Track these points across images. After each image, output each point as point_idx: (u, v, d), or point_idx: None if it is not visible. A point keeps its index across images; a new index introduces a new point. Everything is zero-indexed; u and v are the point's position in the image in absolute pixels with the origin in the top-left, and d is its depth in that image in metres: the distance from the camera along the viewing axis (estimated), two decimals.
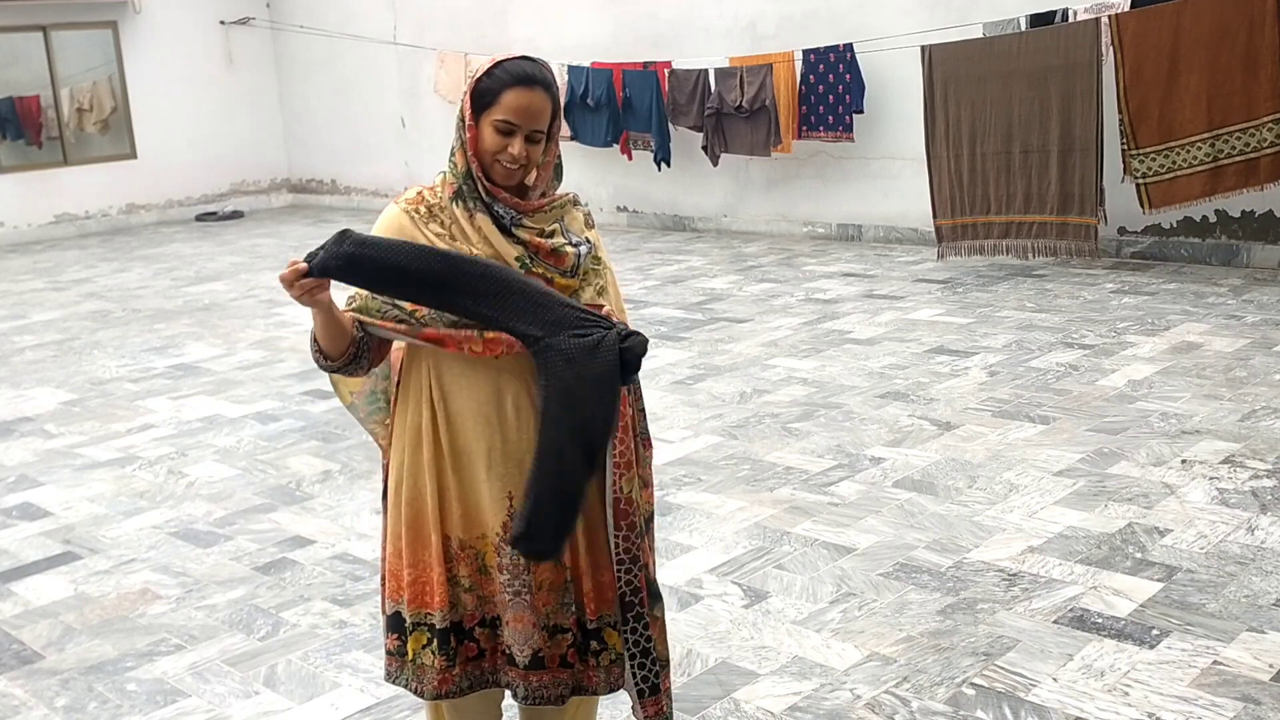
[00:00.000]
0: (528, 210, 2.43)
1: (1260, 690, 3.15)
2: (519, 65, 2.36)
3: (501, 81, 2.34)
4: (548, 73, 2.39)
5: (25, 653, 3.81)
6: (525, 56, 2.39)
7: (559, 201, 2.50)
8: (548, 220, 2.46)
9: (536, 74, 2.36)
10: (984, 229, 8.57)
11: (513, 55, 2.40)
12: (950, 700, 3.19)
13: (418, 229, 2.40)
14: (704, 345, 7.11)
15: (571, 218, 2.53)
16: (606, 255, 2.58)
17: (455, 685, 2.48)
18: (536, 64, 2.39)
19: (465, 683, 2.49)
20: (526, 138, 2.35)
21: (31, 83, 13.81)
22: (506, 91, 2.33)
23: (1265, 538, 4.04)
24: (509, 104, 2.33)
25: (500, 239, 2.39)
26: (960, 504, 4.51)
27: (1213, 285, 7.77)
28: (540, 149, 2.40)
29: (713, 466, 5.08)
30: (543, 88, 2.36)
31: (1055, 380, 5.96)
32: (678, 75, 10.68)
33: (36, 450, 5.93)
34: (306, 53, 14.85)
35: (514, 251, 2.38)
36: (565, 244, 2.44)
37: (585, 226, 2.55)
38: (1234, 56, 7.54)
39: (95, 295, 10.11)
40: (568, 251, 2.43)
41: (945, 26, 9.00)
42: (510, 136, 2.34)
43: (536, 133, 2.37)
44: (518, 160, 2.36)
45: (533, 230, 2.42)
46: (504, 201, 2.40)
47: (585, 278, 2.46)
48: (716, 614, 3.77)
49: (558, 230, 2.47)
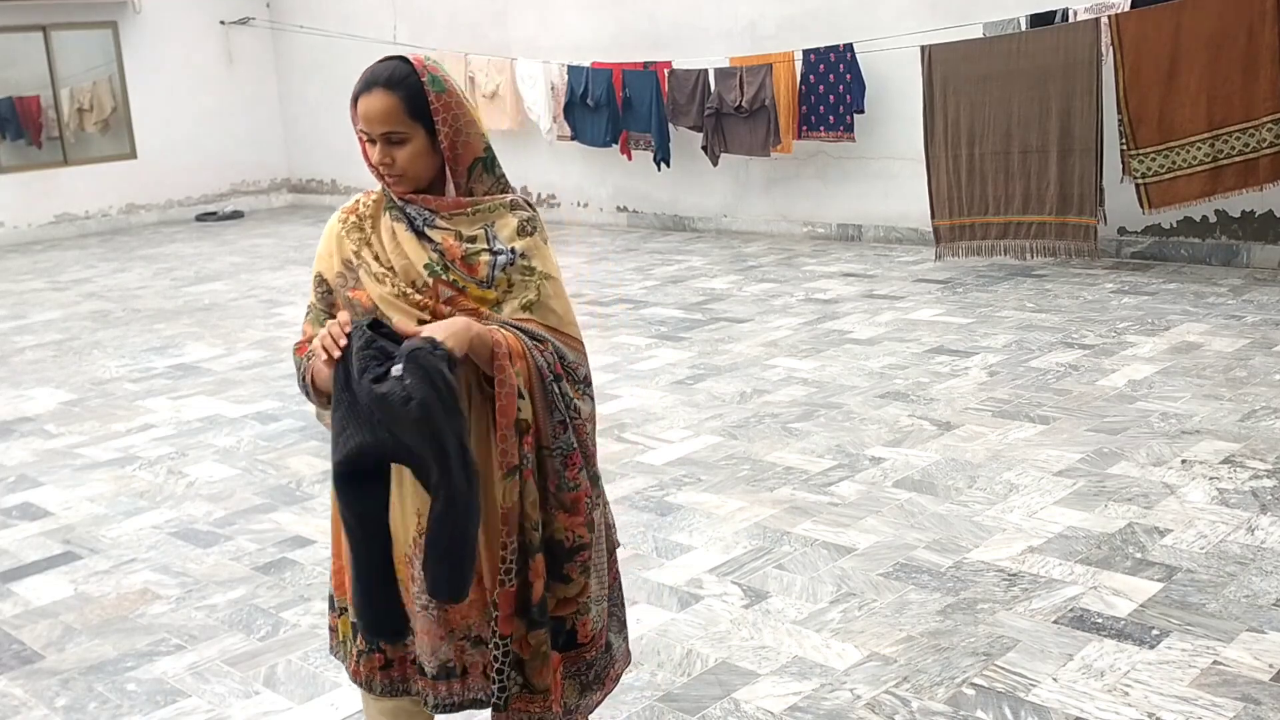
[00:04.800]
0: (443, 209, 2.33)
1: (1260, 690, 3.15)
2: (367, 72, 2.30)
3: (354, 92, 2.30)
4: (403, 69, 2.28)
5: (25, 653, 3.81)
6: (389, 58, 2.32)
7: (485, 204, 2.37)
8: (469, 223, 2.34)
9: (377, 76, 2.27)
10: (982, 229, 8.56)
11: (380, 59, 2.33)
12: (950, 700, 3.19)
13: (343, 238, 2.37)
14: (704, 345, 7.11)
15: (503, 223, 2.37)
16: (550, 265, 2.41)
17: (365, 680, 2.43)
18: (388, 63, 2.30)
19: (378, 687, 2.43)
20: (386, 140, 2.28)
21: (31, 83, 13.81)
22: (357, 101, 2.29)
23: (1265, 538, 4.04)
24: (359, 113, 2.28)
25: (413, 244, 2.31)
26: (960, 504, 4.51)
27: (1213, 285, 7.77)
28: (406, 150, 2.29)
29: (713, 466, 5.08)
30: (384, 87, 2.26)
31: (1055, 380, 5.96)
32: (677, 75, 10.68)
33: (36, 450, 5.93)
34: (306, 53, 14.85)
35: (424, 258, 2.29)
36: (482, 250, 2.32)
37: (518, 234, 2.37)
38: (1234, 57, 7.54)
39: (95, 295, 10.12)
40: (481, 260, 2.31)
41: (945, 26, 9.00)
42: (373, 144, 2.29)
43: (393, 134, 2.27)
44: (381, 167, 2.29)
45: (448, 232, 2.32)
46: (419, 203, 2.33)
47: (510, 289, 2.32)
48: (716, 614, 3.77)
49: (480, 235, 2.34)
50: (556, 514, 2.35)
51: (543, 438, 2.32)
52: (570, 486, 2.35)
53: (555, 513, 2.35)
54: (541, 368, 2.30)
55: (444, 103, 2.30)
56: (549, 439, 2.32)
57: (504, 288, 2.32)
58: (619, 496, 4.79)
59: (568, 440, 2.33)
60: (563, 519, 2.35)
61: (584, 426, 2.39)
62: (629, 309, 8.25)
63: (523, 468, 2.29)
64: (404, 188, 2.32)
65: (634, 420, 5.76)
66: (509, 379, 2.24)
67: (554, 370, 2.32)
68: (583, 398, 2.39)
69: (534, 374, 2.29)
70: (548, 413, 2.31)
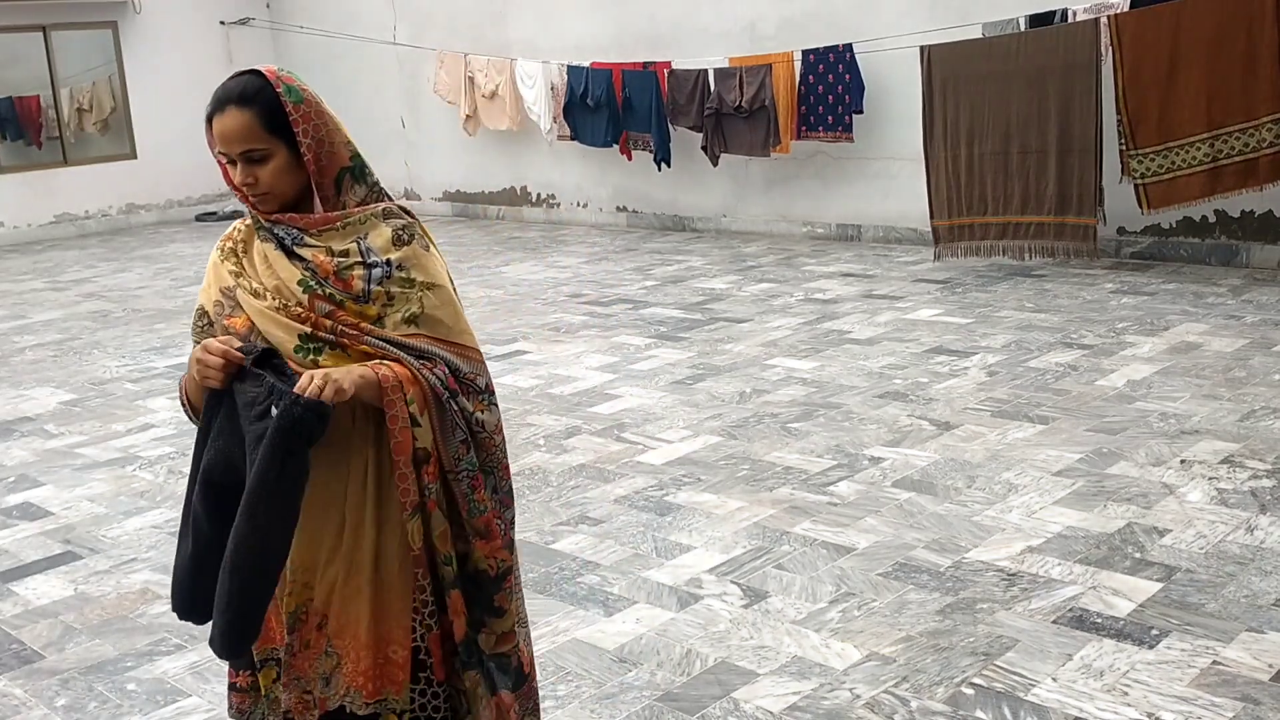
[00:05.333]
0: (311, 226, 2.21)
1: (1260, 690, 3.15)
2: (218, 90, 2.20)
3: (207, 113, 2.20)
4: (256, 83, 2.17)
5: (25, 653, 3.82)
6: (239, 73, 2.21)
7: (356, 216, 2.24)
8: (340, 237, 2.22)
9: (229, 93, 2.17)
10: (981, 230, 8.56)
11: (231, 75, 2.23)
12: (950, 700, 3.19)
13: (219, 266, 2.28)
14: (704, 345, 7.12)
15: (376, 234, 2.24)
16: (433, 273, 2.27)
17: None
18: (239, 79, 2.19)
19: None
20: (246, 160, 2.17)
21: (31, 83, 13.81)
22: (211, 121, 2.18)
23: (1265, 538, 4.05)
24: (215, 134, 2.17)
25: (285, 264, 2.20)
26: (959, 504, 4.51)
27: (1212, 285, 7.77)
28: (268, 167, 2.17)
29: (712, 466, 5.08)
30: (237, 104, 2.15)
31: (1054, 380, 5.96)
32: (677, 75, 10.68)
33: (36, 450, 5.94)
34: (306, 53, 14.85)
35: (296, 275, 2.18)
36: (355, 264, 2.20)
37: (393, 244, 2.24)
38: (1233, 56, 7.54)
39: (95, 295, 10.12)
40: (355, 274, 2.19)
41: (945, 27, 9.01)
42: (234, 165, 2.19)
43: (252, 152, 2.16)
44: (244, 188, 2.19)
45: (318, 248, 2.20)
46: (285, 221, 2.22)
47: (390, 302, 2.20)
48: (716, 614, 3.77)
49: (353, 249, 2.21)
50: (475, 543, 2.23)
51: (445, 462, 2.20)
52: (480, 510, 2.23)
53: (473, 542, 2.23)
54: (434, 386, 2.17)
55: (303, 113, 2.19)
56: (452, 462, 2.20)
57: (383, 301, 2.20)
58: (619, 496, 4.80)
59: (471, 460, 2.22)
60: (480, 546, 2.24)
61: (491, 440, 2.27)
62: (629, 309, 8.25)
63: (426, 500, 2.18)
64: (270, 207, 2.22)
65: (634, 420, 5.76)
66: (400, 412, 2.13)
67: (448, 386, 2.19)
68: (486, 408, 2.27)
69: (428, 396, 2.16)
70: (448, 435, 2.19)
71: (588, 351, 7.14)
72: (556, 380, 6.55)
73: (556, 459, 5.29)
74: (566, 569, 4.17)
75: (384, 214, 2.28)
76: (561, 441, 5.52)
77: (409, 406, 2.14)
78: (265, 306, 2.18)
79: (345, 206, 2.25)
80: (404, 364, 2.17)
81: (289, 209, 2.24)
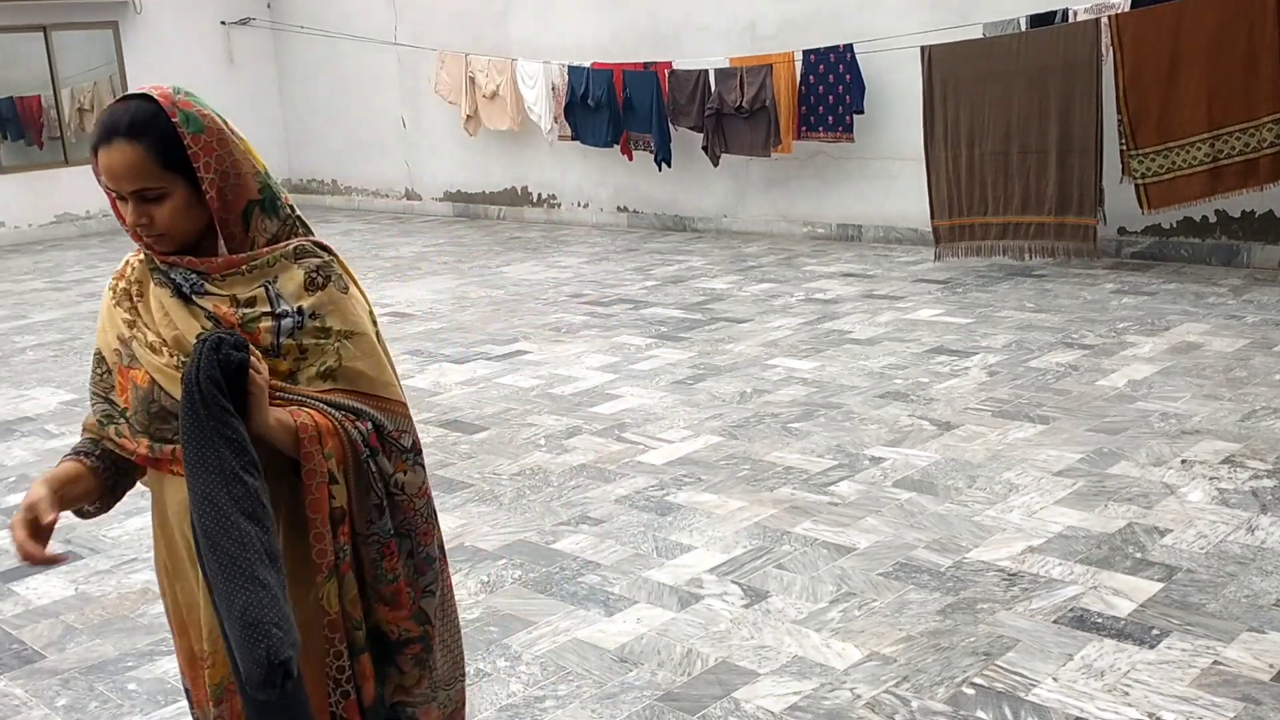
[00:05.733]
0: (214, 270, 1.97)
1: (1260, 690, 3.15)
2: (104, 114, 1.93)
3: (92, 142, 1.94)
4: (147, 110, 1.92)
5: (26, 652, 3.82)
6: (129, 96, 1.96)
7: (263, 258, 1.99)
8: (247, 282, 1.98)
9: (117, 123, 1.90)
10: (981, 230, 8.56)
11: (118, 98, 1.96)
12: (950, 700, 3.19)
13: (114, 310, 2.04)
14: (704, 345, 7.12)
15: (287, 276, 2.00)
16: (352, 320, 2.04)
17: None
18: (128, 104, 1.93)
19: None
20: (139, 199, 1.92)
21: (32, 83, 13.82)
22: (97, 154, 1.92)
23: (1265, 538, 4.04)
24: (101, 167, 1.92)
25: (182, 315, 1.96)
26: (960, 504, 4.51)
27: (1213, 285, 7.77)
28: (164, 207, 1.93)
29: (713, 466, 5.08)
30: (126, 137, 1.89)
31: (1055, 380, 5.96)
32: (678, 76, 10.68)
33: (37, 450, 5.93)
34: (307, 53, 14.86)
35: (197, 327, 1.94)
36: (262, 314, 1.96)
37: (305, 289, 2.00)
38: (1234, 57, 7.54)
39: (95, 295, 10.11)
40: (262, 326, 1.95)
41: (945, 27, 9.01)
42: (124, 201, 1.94)
43: (145, 191, 1.92)
44: (137, 228, 1.95)
45: (221, 296, 1.96)
46: (184, 265, 1.97)
47: (303, 356, 1.99)
48: (716, 613, 3.77)
49: (260, 295, 1.97)
50: (377, 607, 2.06)
51: (357, 524, 2.01)
52: (388, 579, 2.05)
53: (375, 605, 2.06)
54: (355, 443, 1.98)
55: (204, 145, 1.93)
56: (363, 525, 2.02)
57: (295, 355, 1.98)
58: (620, 496, 4.80)
59: (384, 526, 2.03)
60: (384, 612, 2.07)
61: (411, 504, 2.07)
62: (629, 309, 8.25)
63: (340, 562, 2.00)
64: (167, 248, 1.97)
65: (634, 420, 5.76)
66: (319, 467, 1.94)
67: (369, 444, 2.00)
68: (410, 469, 2.08)
69: (346, 452, 1.98)
70: (362, 497, 2.00)
71: (588, 351, 7.14)
72: (557, 380, 6.55)
73: (557, 459, 5.30)
74: (567, 569, 4.17)
75: (296, 253, 2.03)
76: (562, 441, 5.52)
77: (327, 462, 1.95)
78: (164, 364, 1.94)
79: (254, 244, 2.00)
80: (324, 414, 1.97)
81: (189, 249, 2.00)
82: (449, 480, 5.11)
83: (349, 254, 11.39)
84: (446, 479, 5.12)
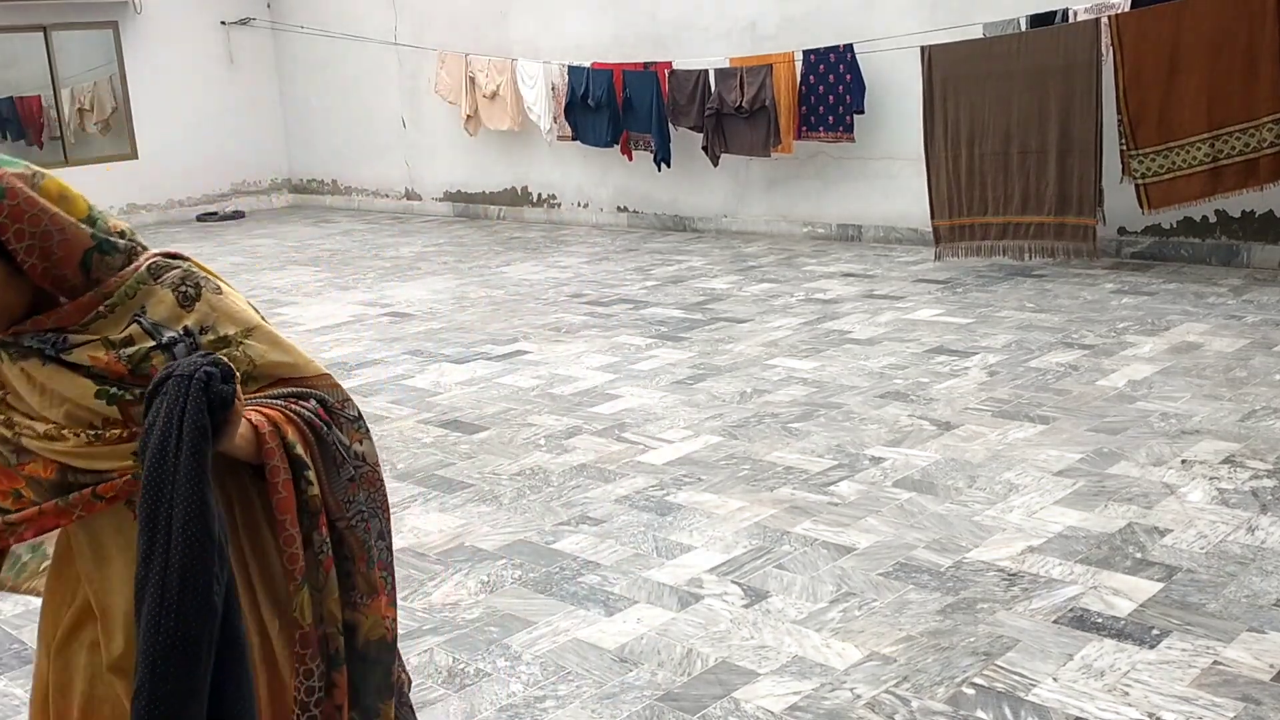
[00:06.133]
0: (70, 323, 1.75)
1: (1260, 690, 3.15)
2: None
3: None
4: None
5: (26, 653, 3.81)
6: None
7: (117, 291, 1.78)
8: (113, 322, 1.78)
9: None
10: (981, 230, 8.57)
11: None
12: (950, 700, 3.19)
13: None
14: (704, 345, 7.12)
15: (154, 302, 1.81)
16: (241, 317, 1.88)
17: None
18: None
19: None
20: None
21: (32, 83, 13.82)
22: None
23: (1265, 538, 4.04)
24: None
25: (63, 379, 1.74)
26: (960, 504, 4.51)
27: (1213, 285, 7.77)
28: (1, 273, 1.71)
29: (713, 466, 5.08)
30: None
31: (1055, 380, 5.96)
32: (678, 76, 10.68)
33: None
34: (307, 53, 14.85)
35: (89, 388, 1.74)
36: (148, 349, 1.77)
37: (181, 306, 1.82)
38: (1234, 57, 7.54)
39: None
40: (155, 362, 1.76)
41: (945, 27, 9.01)
42: None
43: None
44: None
45: (92, 344, 1.75)
46: (32, 329, 1.76)
47: None
48: (716, 613, 3.77)
49: (135, 331, 1.78)
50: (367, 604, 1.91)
51: (333, 510, 1.88)
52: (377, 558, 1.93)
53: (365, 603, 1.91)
54: (312, 421, 1.85)
55: (10, 212, 1.70)
56: (340, 509, 1.88)
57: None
58: (620, 496, 4.80)
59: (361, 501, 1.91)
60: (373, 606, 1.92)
61: (375, 474, 1.96)
62: (629, 309, 8.25)
63: (322, 558, 1.86)
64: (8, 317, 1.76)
65: (634, 420, 5.76)
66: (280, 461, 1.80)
67: (322, 419, 1.88)
68: (365, 438, 1.96)
69: (307, 434, 1.85)
70: (333, 475, 1.88)
71: (588, 351, 7.14)
72: (557, 380, 6.55)
73: (557, 459, 5.30)
74: (567, 569, 4.17)
75: (152, 272, 1.83)
76: (562, 441, 5.52)
77: (292, 451, 1.81)
78: (71, 447, 1.75)
79: (102, 284, 1.79)
80: (270, 405, 1.84)
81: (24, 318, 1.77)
82: (449, 480, 5.11)
83: (348, 254, 11.40)
84: (446, 479, 5.12)
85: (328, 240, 12.37)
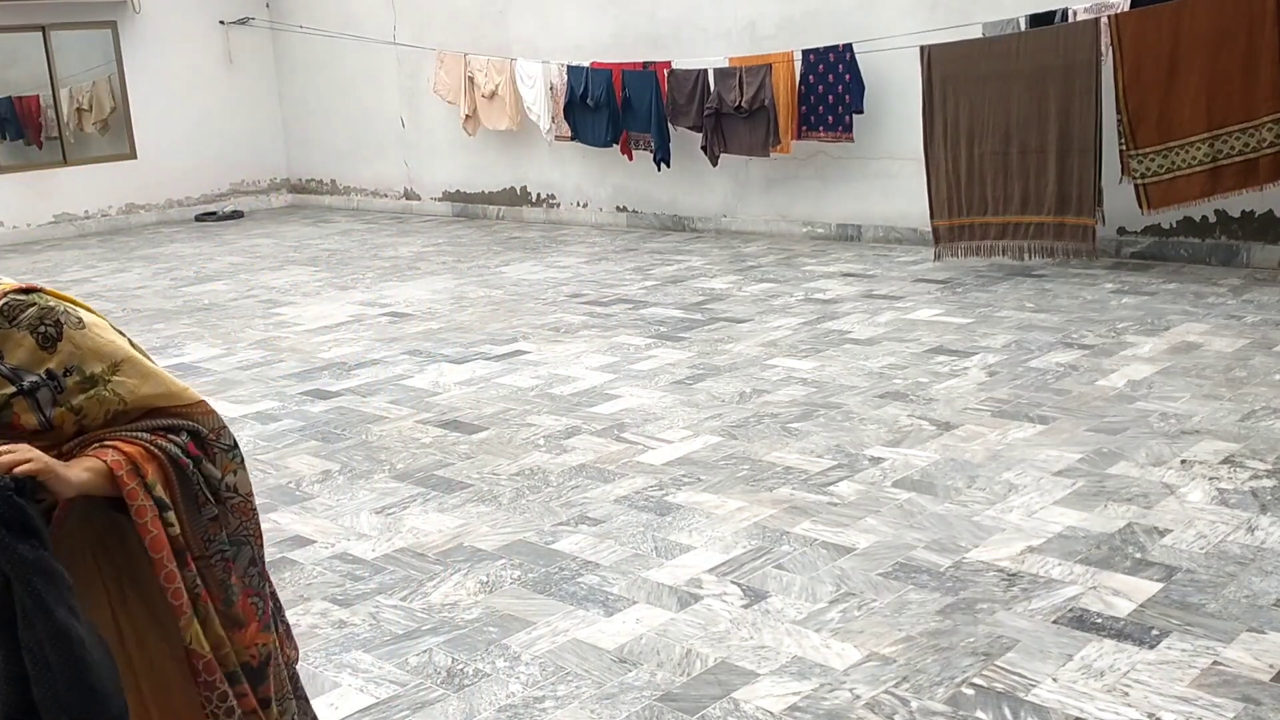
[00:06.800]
0: None
1: (1260, 690, 3.15)
2: None
3: None
4: None
5: None
6: None
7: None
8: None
9: None
10: (981, 230, 8.56)
11: None
12: (950, 700, 3.19)
13: None
14: (704, 345, 7.11)
15: (11, 346, 1.75)
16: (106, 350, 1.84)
17: None
18: None
19: None
20: None
21: (31, 83, 13.81)
22: None
23: (1265, 538, 4.04)
24: None
25: None
26: (960, 504, 4.51)
27: (1213, 285, 7.77)
28: None
29: (712, 466, 5.08)
30: None
31: (1055, 380, 5.96)
32: (677, 75, 10.68)
33: None
34: (306, 53, 14.85)
35: None
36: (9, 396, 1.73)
37: (42, 348, 1.76)
38: (1234, 57, 7.54)
39: (95, 295, 10.11)
40: (18, 408, 1.73)
41: (945, 26, 9.00)
42: None
43: None
44: None
45: None
46: None
47: (81, 414, 1.80)
48: (716, 614, 3.77)
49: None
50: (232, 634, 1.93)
51: (193, 548, 1.87)
52: (234, 597, 1.94)
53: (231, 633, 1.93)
54: (176, 458, 1.84)
55: None
56: (201, 547, 1.89)
57: (72, 420, 1.79)
58: (619, 496, 4.80)
59: (223, 540, 1.92)
60: (239, 637, 1.94)
61: (246, 505, 1.96)
62: (629, 309, 8.25)
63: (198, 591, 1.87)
64: None
65: (634, 420, 5.76)
66: (144, 500, 1.79)
67: (189, 454, 1.86)
68: (240, 468, 1.96)
69: (169, 472, 1.84)
70: (194, 514, 1.87)
71: (588, 351, 7.13)
72: (556, 380, 6.55)
73: (556, 459, 5.29)
74: (566, 569, 4.16)
75: (6, 315, 1.76)
76: (561, 441, 5.52)
77: (152, 491, 1.80)
78: None
79: None
80: (132, 440, 1.82)
81: None
82: (448, 480, 5.10)
83: (347, 254, 11.39)
84: (446, 479, 5.12)
85: (326, 240, 12.36)
